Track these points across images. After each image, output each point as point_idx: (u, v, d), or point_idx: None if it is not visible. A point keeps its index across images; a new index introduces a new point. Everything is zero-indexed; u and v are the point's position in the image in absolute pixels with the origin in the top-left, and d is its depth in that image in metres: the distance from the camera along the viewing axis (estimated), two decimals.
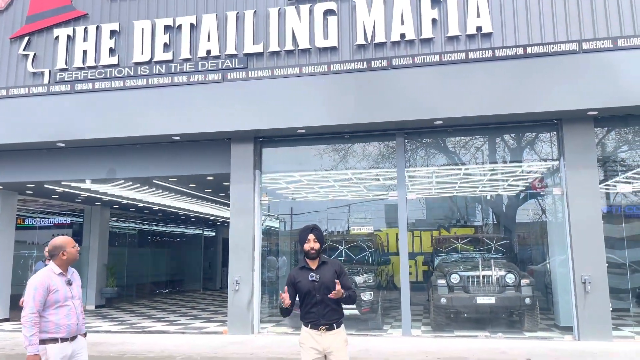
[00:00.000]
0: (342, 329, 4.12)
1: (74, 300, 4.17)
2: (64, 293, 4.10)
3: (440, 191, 11.36)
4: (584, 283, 8.62)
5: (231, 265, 9.91)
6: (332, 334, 4.02)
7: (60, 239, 4.30)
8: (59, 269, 4.19)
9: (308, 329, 4.04)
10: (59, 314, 4.04)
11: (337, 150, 10.48)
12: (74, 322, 4.11)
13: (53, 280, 4.10)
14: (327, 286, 4.00)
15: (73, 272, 4.36)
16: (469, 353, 7.83)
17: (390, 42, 9.51)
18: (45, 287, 4.02)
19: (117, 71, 10.39)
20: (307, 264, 4.17)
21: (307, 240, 4.13)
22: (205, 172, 10.73)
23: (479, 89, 8.85)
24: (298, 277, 4.15)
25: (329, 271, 4.10)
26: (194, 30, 10.31)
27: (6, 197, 12.52)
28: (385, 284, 11.02)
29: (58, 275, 4.17)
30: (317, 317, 4.02)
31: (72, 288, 4.20)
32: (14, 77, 10.87)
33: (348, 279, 4.22)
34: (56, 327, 4.02)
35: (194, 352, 8.24)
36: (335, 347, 3.99)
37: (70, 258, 4.23)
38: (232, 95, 9.70)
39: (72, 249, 4.25)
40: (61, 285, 4.11)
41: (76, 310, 4.15)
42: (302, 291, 4.10)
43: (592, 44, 8.66)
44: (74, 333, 4.13)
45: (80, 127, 10.15)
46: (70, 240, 4.29)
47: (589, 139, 9.02)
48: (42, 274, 4.12)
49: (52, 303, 4.03)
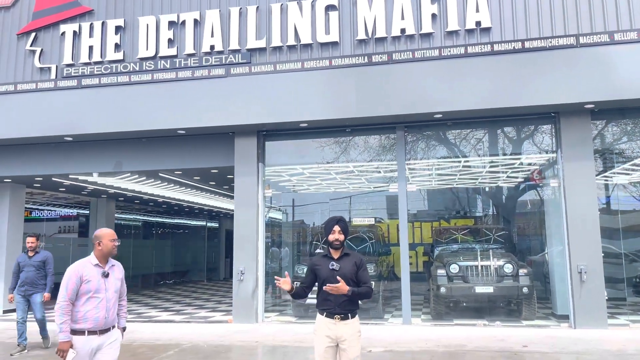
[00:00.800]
0: (356, 319, 4.14)
1: (107, 293, 4.05)
2: (97, 284, 4.00)
3: (440, 183, 11.57)
4: (580, 273, 8.83)
5: (236, 256, 10.14)
6: (346, 324, 4.06)
7: (100, 230, 4.23)
8: (96, 259, 4.11)
9: (323, 317, 4.10)
10: (88, 305, 3.96)
11: (339, 143, 10.68)
12: (103, 315, 3.99)
13: (87, 271, 4.03)
14: (346, 277, 4.05)
15: (113, 265, 4.23)
16: (468, 340, 8.06)
17: (390, 37, 9.67)
18: (79, 277, 3.97)
19: (122, 66, 10.57)
20: (329, 253, 4.22)
21: (332, 232, 4.17)
22: (210, 165, 10.94)
23: (478, 82, 9.02)
24: (318, 263, 4.21)
25: (349, 263, 4.14)
26: (198, 25, 10.48)
27: (15, 190, 12.78)
28: (386, 274, 11.26)
29: (94, 266, 4.09)
30: (333, 306, 4.06)
31: (108, 280, 4.08)
32: (21, 72, 11.07)
33: (367, 274, 4.21)
34: (84, 318, 3.95)
35: (200, 340, 8.50)
36: (348, 337, 4.04)
37: (105, 250, 4.12)
38: (236, 89, 9.89)
39: (109, 241, 4.14)
40: (95, 276, 4.02)
41: (107, 303, 4.03)
42: (320, 278, 4.16)
43: (590, 38, 8.81)
44: (102, 326, 4.01)
45: (87, 121, 10.36)
46: (109, 233, 4.20)
47: (586, 132, 9.19)
48: (78, 263, 4.08)
49: (83, 293, 3.96)
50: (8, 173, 11.69)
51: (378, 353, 7.33)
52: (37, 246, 8.01)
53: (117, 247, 4.20)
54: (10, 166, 11.56)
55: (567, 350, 7.38)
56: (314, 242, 11.45)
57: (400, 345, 7.86)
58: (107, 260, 4.17)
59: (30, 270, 7.85)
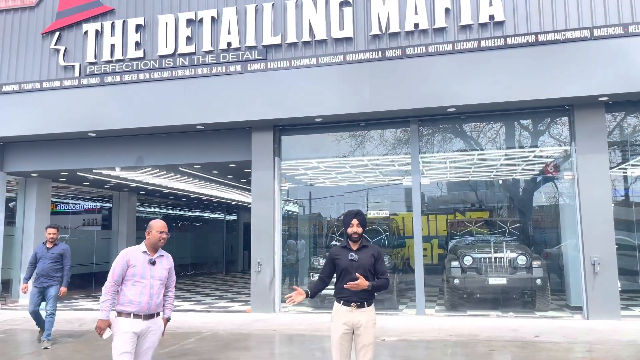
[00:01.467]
0: (372, 308, 4.28)
1: (152, 280, 4.20)
2: (142, 270, 4.17)
3: (454, 176, 11.67)
4: (593, 264, 8.90)
5: (253, 247, 10.42)
6: (362, 312, 4.20)
7: (153, 221, 4.36)
8: (145, 247, 4.27)
9: (340, 305, 4.26)
10: (133, 290, 4.13)
11: (353, 137, 10.85)
12: (146, 300, 4.15)
13: (135, 256, 4.20)
14: (364, 268, 4.22)
15: (162, 256, 4.36)
16: (480, 330, 8.21)
17: (404, 32, 9.79)
18: (125, 261, 4.15)
19: (143, 64, 10.89)
20: (348, 245, 4.37)
21: (351, 225, 4.30)
22: (228, 159, 11.23)
23: (492, 76, 9.10)
24: (338, 254, 4.36)
25: (367, 254, 4.27)
26: (215, 23, 10.72)
27: (41, 184, 13.26)
28: (401, 266, 11.42)
29: (143, 253, 4.24)
30: (350, 295, 4.19)
31: (154, 268, 4.23)
32: (46, 71, 11.47)
33: (384, 265, 4.34)
34: (129, 302, 4.12)
35: (220, 329, 8.81)
36: (364, 325, 4.18)
37: (152, 240, 4.26)
38: (252, 85, 10.12)
39: (157, 232, 4.25)
40: (141, 262, 4.19)
41: (151, 289, 4.18)
42: (339, 267, 4.29)
43: (604, 30, 8.81)
44: (146, 311, 4.16)
45: (110, 118, 10.72)
46: (160, 225, 4.31)
47: (600, 124, 9.21)
48: (128, 249, 4.29)
49: (129, 277, 4.14)
50: (35, 168, 12.14)
51: (392, 342, 7.53)
52: (57, 238, 7.82)
53: (164, 239, 4.29)
54: (37, 161, 12.01)
55: (578, 340, 7.49)
56: (330, 235, 11.67)
57: (414, 334, 8.05)
58: (156, 250, 4.31)
59: (46, 262, 7.64)
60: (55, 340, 7.93)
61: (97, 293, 15.26)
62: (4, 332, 8.98)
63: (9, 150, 12.12)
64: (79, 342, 7.96)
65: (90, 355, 7.06)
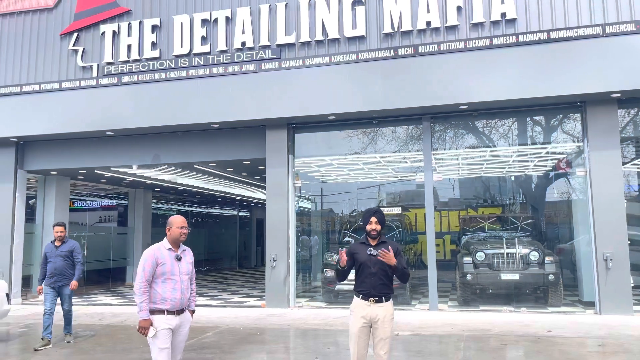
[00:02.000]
0: (390, 303, 4.39)
1: (182, 276, 4.33)
2: (171, 267, 4.28)
3: (466, 172, 11.75)
4: (605, 260, 8.95)
5: (268, 243, 10.61)
6: (380, 306, 4.32)
7: (172, 217, 4.46)
8: (168, 244, 4.36)
9: (359, 299, 4.39)
10: (165, 287, 4.24)
11: (366, 135, 10.97)
12: (179, 296, 4.28)
13: (162, 254, 4.30)
14: (383, 263, 4.27)
15: (185, 250, 4.49)
16: (493, 325, 8.32)
17: (416, 30, 9.88)
18: (154, 260, 4.24)
19: (159, 64, 11.10)
20: (367, 241, 4.50)
21: (370, 222, 4.43)
22: (242, 157, 11.41)
23: (504, 73, 9.16)
24: (357, 250, 4.49)
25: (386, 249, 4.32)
26: (229, 23, 10.89)
27: (60, 181, 13.57)
28: (414, 262, 11.54)
29: (168, 250, 4.34)
30: (369, 289, 4.32)
31: (180, 264, 4.36)
32: (65, 71, 11.74)
33: (403, 260, 4.44)
34: (162, 299, 4.22)
35: (236, 323, 9.02)
36: (381, 319, 4.29)
37: (173, 236, 4.36)
38: (266, 84, 10.28)
39: (177, 228, 4.36)
40: (169, 260, 4.30)
41: (182, 285, 4.31)
42: (358, 262, 4.40)
43: (616, 27, 8.83)
44: (179, 307, 4.30)
45: (127, 117, 10.94)
46: (179, 220, 4.41)
47: (613, 121, 9.24)
48: (153, 247, 4.36)
49: (159, 275, 4.24)
50: (54, 166, 12.44)
51: (405, 336, 7.67)
52: (64, 236, 7.69)
53: (185, 234, 4.40)
54: (56, 159, 12.30)
55: (590, 335, 7.57)
56: (343, 231, 11.82)
57: (427, 329, 8.18)
58: (178, 245, 4.43)
59: (58, 261, 7.51)
60: (77, 334, 8.19)
61: (114, 288, 15.60)
62: (26, 326, 9.27)
63: (29, 149, 12.42)
64: (101, 336, 8.20)
65: (112, 348, 7.29)
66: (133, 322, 9.25)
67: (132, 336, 8.05)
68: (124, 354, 6.90)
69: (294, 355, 6.96)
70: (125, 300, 12.67)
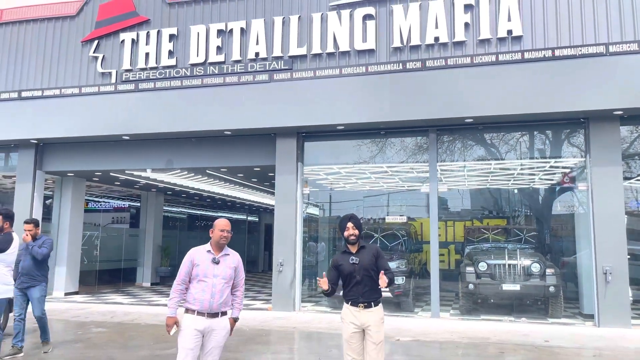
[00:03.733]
0: (379, 307, 4.48)
1: (215, 279, 4.25)
2: (205, 269, 4.25)
3: (472, 184, 11.98)
4: (605, 273, 9.13)
5: (275, 248, 10.91)
6: (369, 312, 4.42)
7: (218, 220, 4.44)
8: (209, 246, 4.36)
9: (349, 306, 4.53)
10: (197, 288, 4.24)
11: (374, 145, 11.26)
12: (208, 298, 4.20)
13: (199, 255, 4.31)
14: (366, 268, 4.41)
15: (228, 254, 4.40)
16: (492, 334, 8.53)
17: (424, 45, 10.18)
18: (190, 260, 4.29)
19: (175, 72, 11.50)
20: (348, 249, 4.64)
21: (347, 228, 4.56)
22: (253, 163, 11.75)
23: (509, 89, 9.41)
24: (340, 261, 4.62)
25: (367, 254, 4.48)
26: (244, 34, 11.27)
27: (77, 183, 14.00)
28: (418, 270, 11.75)
29: (207, 252, 4.33)
30: (357, 296, 4.43)
31: (217, 267, 4.28)
32: (85, 77, 12.18)
33: (385, 261, 4.51)
34: (193, 300, 4.24)
35: (242, 325, 9.26)
36: (372, 323, 4.39)
37: (215, 239, 4.34)
38: (278, 94, 10.62)
39: (219, 231, 4.33)
40: (205, 261, 4.28)
41: (213, 288, 4.23)
42: (344, 273, 4.51)
43: (619, 46, 9.07)
44: (208, 309, 4.21)
45: (143, 122, 11.34)
46: (223, 223, 4.38)
47: (615, 137, 9.44)
48: (194, 248, 4.39)
49: (194, 276, 4.27)
50: (71, 168, 12.87)
51: (406, 342, 7.91)
52: (35, 234, 6.84)
53: (226, 237, 4.34)
54: (74, 162, 12.72)
55: (587, 346, 7.75)
56: None
57: (427, 335, 8.41)
58: (221, 249, 4.37)
59: (27, 260, 6.76)
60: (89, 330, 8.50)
61: (125, 288, 15.97)
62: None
63: (48, 151, 12.86)
64: (113, 333, 8.53)
65: (124, 345, 7.61)
66: (144, 320, 9.57)
67: (143, 334, 8.37)
68: (135, 351, 7.22)
69: (298, 356, 7.23)
70: (136, 300, 13.01)
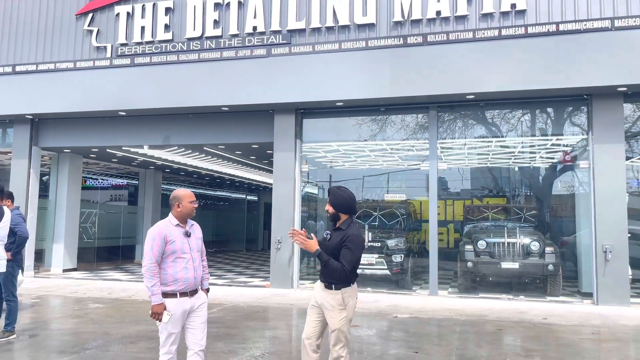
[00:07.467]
0: (337, 292, 4.01)
1: (193, 253, 4.01)
2: (181, 245, 3.94)
3: (472, 162, 11.86)
4: (604, 252, 9.08)
5: (274, 226, 10.84)
6: (327, 293, 4.05)
7: (179, 191, 4.11)
8: (175, 220, 4.00)
9: (318, 281, 4.25)
10: (176, 267, 3.89)
11: (373, 122, 11.11)
12: (192, 275, 3.95)
13: (170, 231, 3.94)
14: (332, 248, 4.04)
15: (192, 225, 4.15)
16: (490, 312, 8.51)
17: (425, 19, 9.95)
18: (162, 238, 3.87)
19: (171, 46, 11.28)
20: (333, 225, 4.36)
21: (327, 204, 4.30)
22: (251, 140, 11.61)
23: (511, 64, 9.23)
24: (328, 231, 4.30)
25: (338, 237, 4.06)
26: (242, 7, 11.02)
27: (73, 160, 13.88)
28: (416, 248, 11.72)
29: (175, 226, 3.99)
30: (320, 274, 4.16)
31: (190, 240, 4.03)
32: (80, 51, 11.97)
33: (347, 252, 3.98)
34: (174, 280, 3.88)
35: (240, 301, 9.29)
36: (327, 307, 4.02)
37: (184, 212, 4.02)
38: (276, 69, 10.43)
39: (188, 203, 4.02)
40: (178, 237, 3.95)
41: (194, 263, 3.98)
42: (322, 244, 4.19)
43: (624, 21, 8.85)
44: (192, 287, 3.97)
45: (139, 98, 11.17)
46: (188, 194, 4.08)
47: (618, 115, 9.30)
48: (159, 224, 3.99)
49: (169, 254, 3.89)
50: (67, 144, 12.73)
51: (403, 319, 7.89)
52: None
53: (195, 208, 4.10)
54: (70, 138, 12.58)
55: (585, 323, 7.73)
56: None
57: (425, 312, 8.40)
58: (186, 221, 4.09)
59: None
60: (87, 306, 8.50)
61: (124, 265, 15.98)
62: (38, 297, 9.61)
63: (43, 127, 12.71)
64: (110, 308, 8.52)
65: (121, 320, 7.59)
66: (141, 297, 9.56)
67: (139, 310, 8.36)
68: (132, 325, 7.20)
69: (295, 331, 7.21)
70: (134, 277, 13.01)
